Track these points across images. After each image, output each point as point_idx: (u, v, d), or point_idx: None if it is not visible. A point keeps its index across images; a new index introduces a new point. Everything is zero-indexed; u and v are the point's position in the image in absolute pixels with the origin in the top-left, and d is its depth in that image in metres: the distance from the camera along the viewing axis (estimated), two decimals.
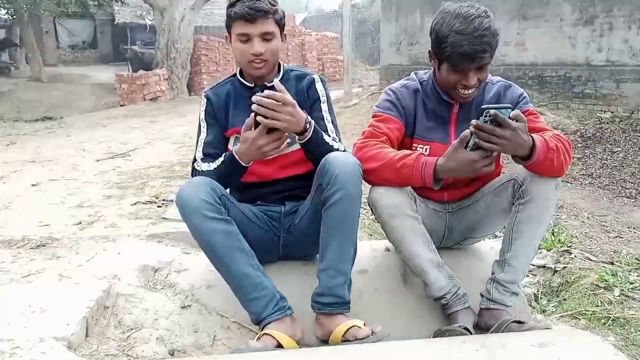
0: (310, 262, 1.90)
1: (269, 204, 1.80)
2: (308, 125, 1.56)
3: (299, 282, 1.81)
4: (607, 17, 8.14)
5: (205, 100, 1.81)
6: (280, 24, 1.73)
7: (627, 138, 7.09)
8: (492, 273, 1.71)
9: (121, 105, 11.59)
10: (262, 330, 1.52)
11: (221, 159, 1.66)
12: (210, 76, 14.15)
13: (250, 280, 1.53)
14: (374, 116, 1.79)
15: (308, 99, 1.79)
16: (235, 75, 1.86)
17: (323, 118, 1.76)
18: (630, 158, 6.69)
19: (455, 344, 1.35)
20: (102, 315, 1.63)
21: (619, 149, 6.93)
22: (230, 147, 1.81)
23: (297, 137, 1.61)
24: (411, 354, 1.32)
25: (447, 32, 1.56)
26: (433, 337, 1.53)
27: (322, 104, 1.78)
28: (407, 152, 1.61)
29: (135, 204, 3.13)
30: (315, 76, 1.84)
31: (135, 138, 6.66)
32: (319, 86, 1.80)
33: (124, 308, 1.69)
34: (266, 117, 1.49)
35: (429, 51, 1.72)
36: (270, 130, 1.52)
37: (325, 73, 16.65)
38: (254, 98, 1.48)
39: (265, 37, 1.67)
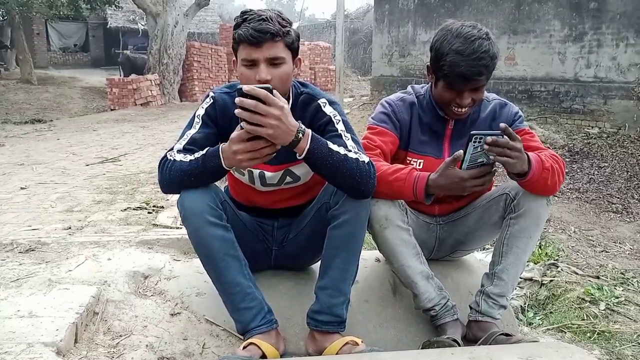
0: (300, 273, 1.91)
1: (263, 217, 1.80)
2: (301, 135, 1.36)
3: (289, 292, 1.82)
4: (595, 34, 8.29)
5: (210, 100, 1.62)
6: (292, 48, 1.54)
7: (614, 154, 7.19)
8: (482, 285, 1.73)
9: (112, 110, 11.53)
10: (247, 339, 1.51)
11: (202, 152, 1.47)
12: (202, 82, 14.14)
13: (242, 290, 1.52)
14: (368, 128, 1.80)
15: (317, 125, 1.59)
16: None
17: (341, 136, 1.54)
18: (617, 174, 6.79)
19: (443, 356, 1.37)
20: (92, 321, 1.63)
21: (606, 164, 7.03)
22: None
23: (296, 154, 1.41)
24: None
25: (447, 51, 1.56)
26: (422, 348, 1.55)
27: (336, 124, 1.57)
28: (400, 166, 1.62)
29: (125, 209, 3.11)
30: (322, 100, 1.62)
31: (126, 143, 6.63)
32: (327, 109, 1.60)
33: (114, 314, 1.68)
34: (250, 124, 1.31)
35: (427, 66, 1.73)
36: (255, 137, 1.34)
37: (317, 82, 16.72)
38: (236, 100, 1.31)
39: (273, 62, 1.49)
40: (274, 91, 1.33)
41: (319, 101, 1.62)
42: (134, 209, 3.13)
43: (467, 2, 10.03)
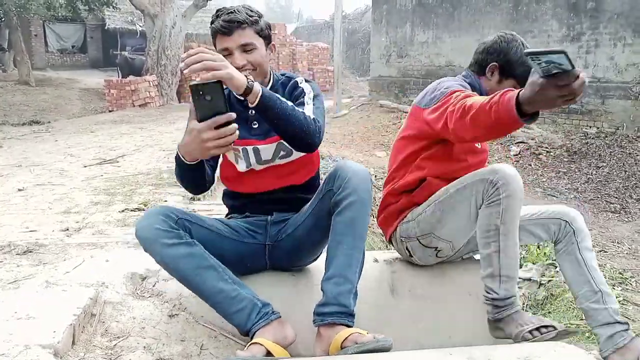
0: (299, 273, 1.90)
1: (256, 214, 1.80)
2: (251, 80, 1.44)
3: (288, 295, 1.80)
4: (593, 34, 8.31)
5: None
6: (263, 35, 1.68)
7: (612, 154, 7.21)
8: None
9: (110, 111, 11.52)
10: (252, 340, 1.49)
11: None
12: None
13: (226, 295, 1.51)
14: (451, 92, 1.70)
15: (293, 97, 1.70)
16: None
17: (303, 102, 1.65)
18: (615, 173, 6.80)
19: (444, 356, 1.36)
20: (89, 323, 1.62)
21: (604, 164, 7.05)
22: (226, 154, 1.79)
23: (248, 103, 1.47)
24: None
25: (526, 63, 1.78)
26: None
27: (306, 96, 1.68)
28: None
29: (123, 210, 3.11)
30: (300, 77, 1.77)
31: (124, 144, 6.62)
32: (303, 85, 1.73)
33: (111, 316, 1.68)
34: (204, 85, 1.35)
35: (490, 66, 1.87)
36: (220, 126, 1.37)
37: (316, 83, 16.73)
38: (181, 65, 1.39)
39: (245, 48, 1.63)
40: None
41: (296, 79, 1.76)
42: (131, 210, 3.12)
43: (465, 2, 10.04)
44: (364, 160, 7.51)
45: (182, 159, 1.50)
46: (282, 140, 1.67)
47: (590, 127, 8.16)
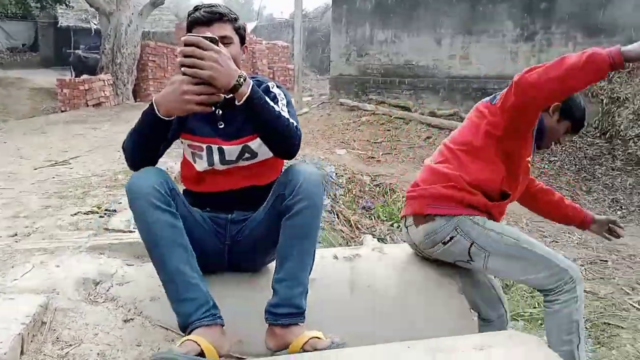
0: (258, 275, 1.89)
1: (217, 211, 1.78)
2: (242, 80, 1.43)
3: (245, 293, 1.79)
4: (546, 33, 8.58)
5: None
6: (240, 33, 1.71)
7: (564, 148, 7.48)
8: None
9: (62, 111, 11.12)
10: (187, 335, 1.45)
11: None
12: (157, 82, 13.83)
13: (186, 279, 1.47)
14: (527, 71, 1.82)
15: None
16: None
17: (280, 109, 1.64)
18: (566, 167, 7.06)
19: (402, 349, 1.38)
20: (39, 332, 1.56)
21: (556, 158, 7.30)
22: (185, 152, 1.79)
23: (235, 98, 1.47)
24: (367, 358, 1.33)
25: (583, 113, 2.03)
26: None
27: (279, 102, 1.70)
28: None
29: (75, 214, 3.00)
30: (271, 82, 1.80)
31: (77, 145, 6.41)
32: (275, 90, 1.75)
33: (63, 323, 1.62)
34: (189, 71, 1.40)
35: (554, 105, 1.99)
36: (204, 83, 1.41)
37: (285, 89, 16.68)
38: (177, 50, 1.42)
39: (223, 41, 1.60)
40: (218, 43, 1.44)
41: (267, 84, 1.77)
42: (84, 214, 3.02)
43: (423, 3, 10.20)
44: (325, 158, 7.53)
45: (156, 111, 1.48)
46: (248, 143, 1.69)
47: None
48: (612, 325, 3.25)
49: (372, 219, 5.66)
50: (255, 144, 1.70)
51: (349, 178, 6.50)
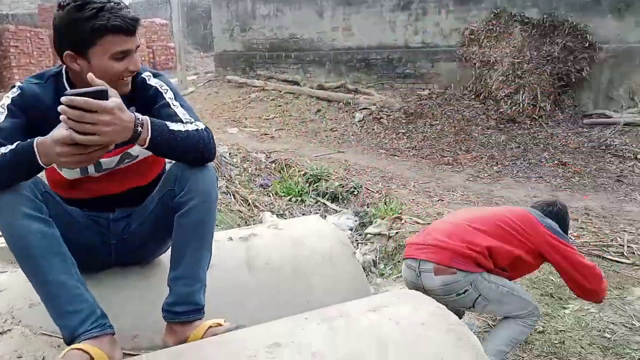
0: (148, 267, 1.81)
1: (96, 211, 1.65)
2: (140, 128, 1.30)
3: (137, 288, 1.71)
4: (421, 2, 8.98)
5: (17, 90, 1.47)
6: None
7: (443, 112, 7.96)
8: None
9: None
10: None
11: (12, 146, 1.31)
12: (22, 69, 12.55)
13: (68, 291, 1.35)
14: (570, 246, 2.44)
15: (145, 98, 1.56)
16: (59, 74, 1.53)
17: (169, 105, 1.52)
18: (446, 130, 7.54)
19: (300, 321, 1.40)
20: None
21: (437, 122, 7.76)
22: None
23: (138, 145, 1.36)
24: (261, 336, 1.33)
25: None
26: None
27: (164, 94, 1.55)
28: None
29: None
30: (146, 74, 1.60)
31: None
32: (154, 82, 1.58)
33: None
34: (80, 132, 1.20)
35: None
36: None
37: (157, 62, 15.86)
38: (60, 109, 1.20)
39: (137, 50, 1.49)
40: (108, 89, 1.26)
41: (143, 75, 1.58)
42: None
43: None
44: (217, 139, 7.35)
45: (37, 157, 1.27)
46: (128, 150, 1.56)
47: (424, 89, 8.90)
48: None
49: (270, 196, 5.66)
50: (135, 149, 1.58)
51: (244, 157, 6.43)
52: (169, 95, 1.55)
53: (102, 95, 1.23)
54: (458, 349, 1.13)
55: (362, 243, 4.63)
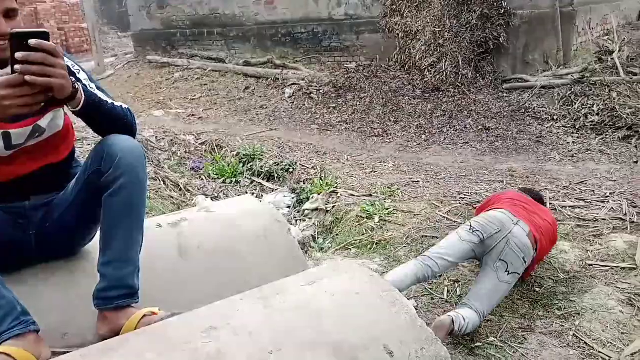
0: (76, 259, 1.71)
1: (9, 201, 1.53)
2: (76, 85, 1.32)
3: (64, 282, 1.62)
4: None
5: None
6: (18, 2, 1.45)
7: (371, 84, 8.03)
8: None
9: None
10: None
11: None
12: None
13: None
14: None
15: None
16: None
17: (86, 86, 1.46)
18: (374, 102, 7.62)
19: (235, 302, 1.38)
20: None
21: (365, 94, 7.83)
22: None
23: (70, 107, 1.35)
24: (196, 322, 1.30)
25: None
26: None
27: (78, 75, 1.48)
28: None
29: None
30: (69, 62, 1.51)
31: None
32: (82, 75, 1.51)
33: None
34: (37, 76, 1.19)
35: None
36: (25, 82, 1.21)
37: (71, 44, 14.92)
38: (19, 55, 1.17)
39: (9, 14, 1.38)
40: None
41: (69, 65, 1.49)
42: None
43: None
44: (142, 122, 7.07)
45: None
46: (38, 122, 1.45)
47: (350, 62, 8.93)
48: (429, 237, 3.68)
49: (203, 179, 5.52)
50: (46, 120, 1.48)
51: (171, 140, 6.22)
52: (83, 77, 1.48)
53: (48, 37, 1.22)
54: (393, 314, 1.15)
55: (300, 219, 4.65)
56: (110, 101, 1.45)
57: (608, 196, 4.21)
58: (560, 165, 5.40)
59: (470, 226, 2.77)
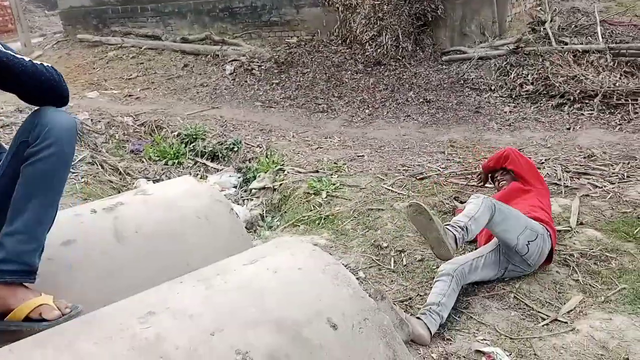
0: None
1: None
2: None
3: None
4: None
5: None
6: None
7: (313, 59, 7.96)
8: None
9: None
10: None
11: None
12: None
13: None
14: None
15: None
16: None
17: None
18: (318, 77, 7.57)
19: (175, 285, 1.33)
20: None
21: (308, 70, 7.76)
22: None
23: None
24: (133, 308, 1.24)
25: None
26: None
27: None
28: None
29: None
30: None
31: None
32: None
33: None
34: None
35: None
36: None
37: None
38: None
39: None
40: None
41: None
42: None
43: None
44: (75, 105, 6.72)
45: None
46: None
47: (291, 37, 8.79)
48: (375, 210, 3.72)
49: (143, 162, 5.34)
50: None
51: (108, 122, 5.96)
52: None
53: None
54: (335, 287, 1.14)
55: (247, 199, 4.59)
56: (27, 59, 1.38)
57: (543, 162, 4.39)
58: (498, 134, 5.57)
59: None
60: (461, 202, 3.67)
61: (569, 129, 5.49)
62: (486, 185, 3.65)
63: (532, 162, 3.42)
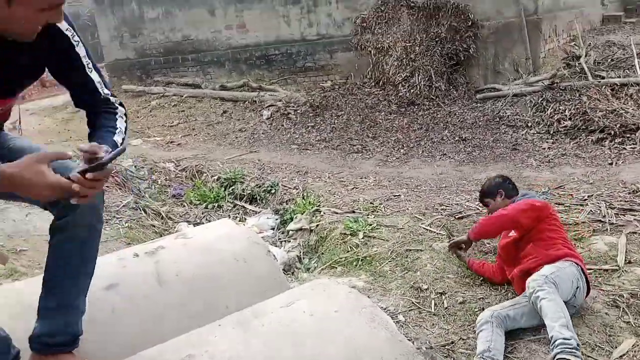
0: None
1: None
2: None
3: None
4: None
5: None
6: None
7: (347, 101, 8.09)
8: None
9: None
10: None
11: None
12: None
13: None
14: None
15: (55, 50, 1.43)
16: None
17: (84, 67, 1.48)
18: (352, 119, 7.68)
19: (213, 328, 1.35)
20: None
21: (342, 112, 7.88)
22: None
23: None
24: (173, 351, 1.27)
25: None
26: None
27: (76, 48, 1.46)
28: None
29: None
30: (70, 31, 1.46)
31: None
32: (80, 51, 1.48)
33: None
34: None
35: None
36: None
37: (45, 78, 14.80)
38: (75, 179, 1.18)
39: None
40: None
41: (67, 34, 1.45)
42: None
43: None
44: None
45: None
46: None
47: (326, 81, 9.00)
48: (413, 250, 3.67)
49: (184, 206, 5.47)
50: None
51: (151, 168, 6.16)
52: (82, 53, 1.46)
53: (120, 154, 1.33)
54: (372, 329, 1.14)
55: (285, 240, 4.61)
56: (121, 139, 1.45)
57: (586, 199, 4.26)
58: (537, 171, 5.47)
59: None
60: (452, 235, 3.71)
61: (611, 164, 5.34)
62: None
63: (517, 207, 3.07)
